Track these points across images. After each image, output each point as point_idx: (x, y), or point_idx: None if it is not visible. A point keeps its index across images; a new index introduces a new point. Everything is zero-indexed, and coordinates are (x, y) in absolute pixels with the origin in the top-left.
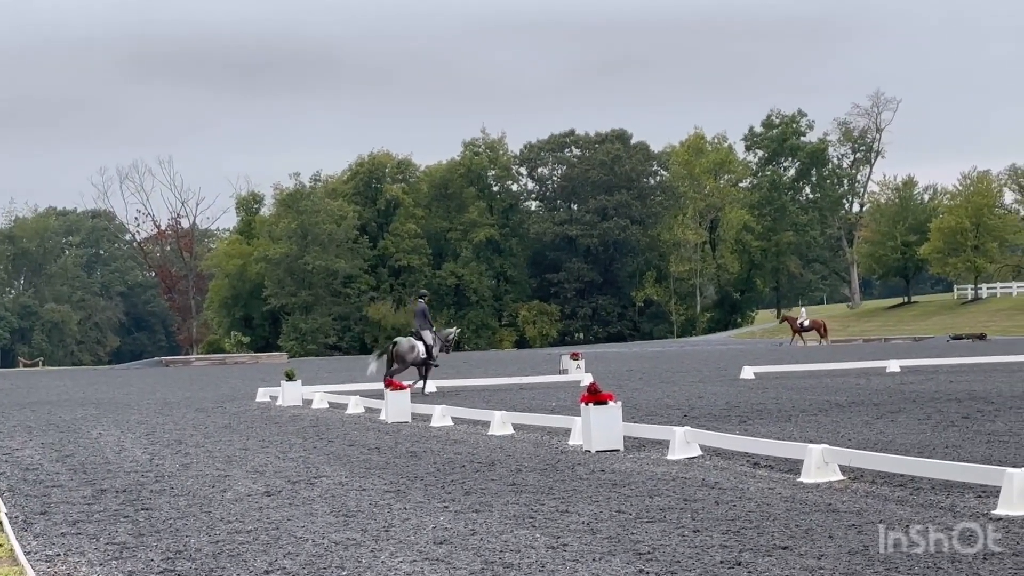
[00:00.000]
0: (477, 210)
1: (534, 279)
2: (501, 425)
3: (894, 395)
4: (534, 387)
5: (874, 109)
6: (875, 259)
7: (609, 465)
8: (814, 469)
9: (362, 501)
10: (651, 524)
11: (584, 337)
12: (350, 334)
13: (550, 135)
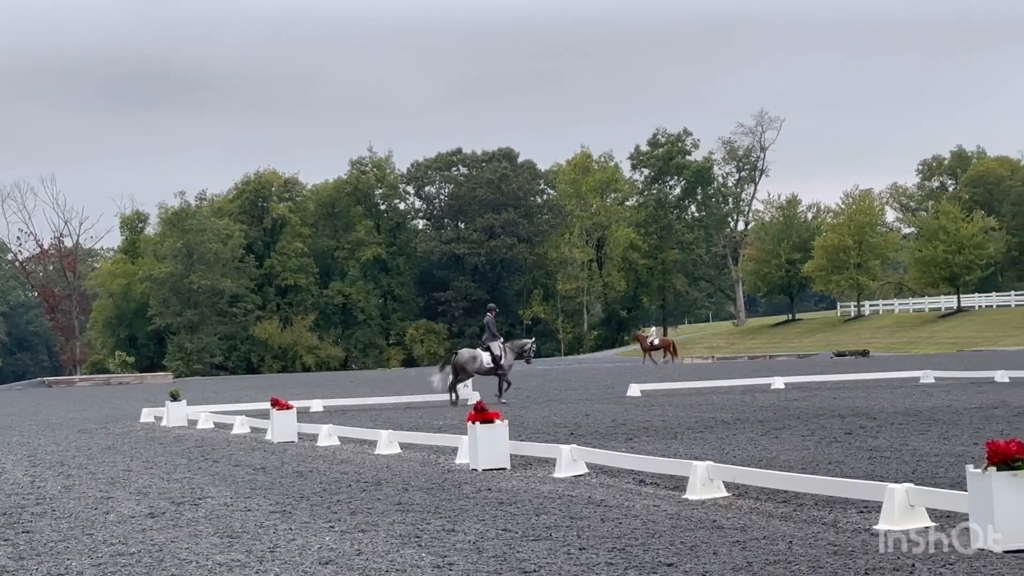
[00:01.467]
0: (364, 229)
1: (422, 298)
2: (388, 444)
3: (778, 412)
4: (421, 406)
5: (758, 128)
6: (760, 277)
7: (496, 483)
8: (699, 486)
9: (247, 522)
10: (537, 542)
11: None
12: (236, 353)
13: (437, 153)
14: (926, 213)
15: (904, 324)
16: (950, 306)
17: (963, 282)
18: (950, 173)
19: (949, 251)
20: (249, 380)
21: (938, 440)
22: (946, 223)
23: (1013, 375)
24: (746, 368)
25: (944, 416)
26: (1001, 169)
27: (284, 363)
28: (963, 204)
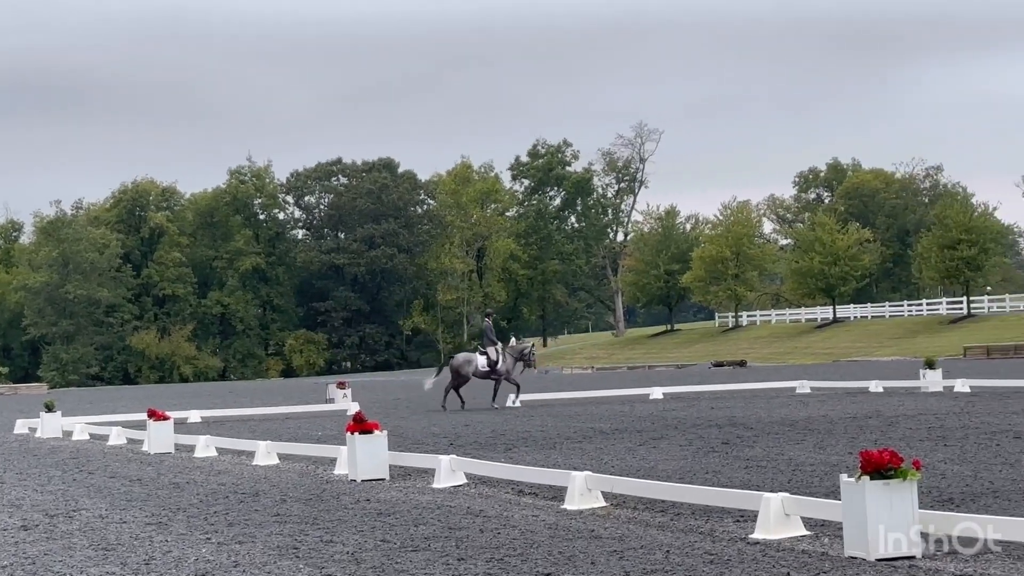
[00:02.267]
0: (243, 239)
1: (301, 308)
2: (266, 455)
3: (657, 422)
4: (300, 416)
5: (637, 139)
6: (639, 288)
7: (375, 494)
8: (577, 496)
9: (122, 534)
10: (416, 553)
11: (352, 366)
12: (113, 364)
13: (317, 163)
14: (802, 225)
15: (781, 335)
16: (826, 317)
17: (838, 293)
18: (826, 186)
19: (825, 263)
20: (126, 391)
21: (813, 450)
22: (822, 235)
23: (887, 385)
24: (625, 378)
25: (819, 426)
26: (876, 182)
27: (161, 374)
28: (838, 216)
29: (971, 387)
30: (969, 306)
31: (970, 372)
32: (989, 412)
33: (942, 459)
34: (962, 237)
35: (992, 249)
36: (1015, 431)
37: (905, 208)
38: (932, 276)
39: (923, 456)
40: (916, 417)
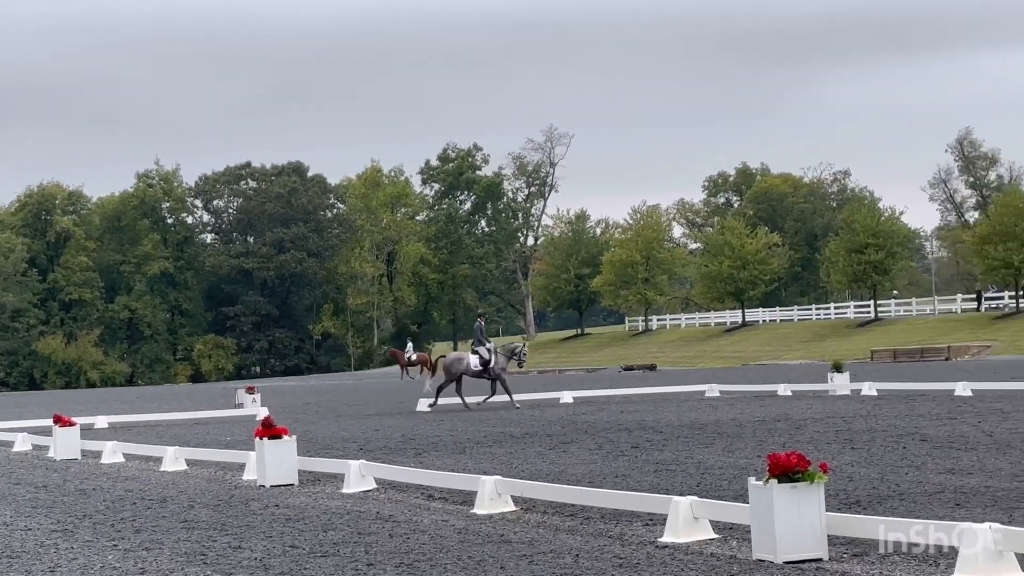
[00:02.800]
0: (151, 243)
1: (210, 312)
2: (174, 461)
3: (567, 426)
4: (209, 422)
5: (547, 144)
6: (549, 292)
7: (283, 500)
8: (487, 500)
9: (27, 541)
10: (324, 559)
11: (261, 371)
12: (18, 369)
13: (226, 167)
14: (712, 229)
15: (690, 338)
16: (735, 321)
17: (747, 297)
18: (735, 190)
19: (734, 267)
20: (32, 396)
21: (722, 453)
22: (731, 239)
23: (795, 388)
24: (535, 382)
25: (728, 429)
26: (784, 186)
27: (68, 379)
28: (747, 221)
29: (878, 390)
30: (876, 310)
31: (877, 375)
32: (895, 415)
33: (849, 462)
34: (869, 241)
35: (899, 253)
36: (921, 434)
37: (813, 212)
38: (840, 280)
39: (830, 459)
40: (824, 420)
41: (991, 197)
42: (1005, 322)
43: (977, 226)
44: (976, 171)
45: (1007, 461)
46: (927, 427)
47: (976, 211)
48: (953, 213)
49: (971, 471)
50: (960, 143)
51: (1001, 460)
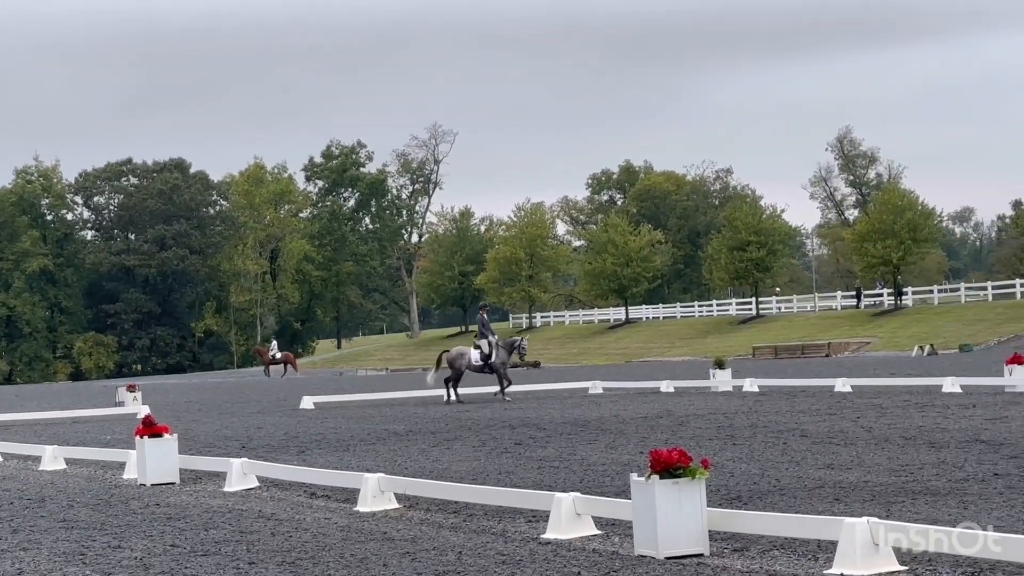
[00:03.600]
0: (30, 239)
1: (90, 310)
2: (53, 460)
3: (451, 423)
4: (89, 420)
5: (432, 141)
6: (433, 289)
7: (164, 498)
8: (370, 498)
9: None
10: (206, 558)
11: (143, 369)
12: None
13: (107, 163)
14: (595, 227)
15: (574, 335)
16: (618, 318)
17: (631, 294)
18: (619, 187)
19: (618, 264)
20: None
21: (605, 449)
22: (615, 236)
23: (678, 385)
24: (419, 380)
25: (611, 426)
26: (667, 184)
27: None
28: (631, 218)
29: (759, 386)
30: (758, 307)
31: (758, 372)
32: (776, 411)
33: (731, 458)
34: (751, 239)
35: (780, 251)
36: (801, 429)
37: (696, 210)
38: (722, 277)
39: (712, 455)
40: (706, 416)
41: (870, 195)
42: (884, 319)
43: (856, 224)
44: (856, 169)
45: (885, 456)
46: (807, 423)
47: (856, 209)
48: (833, 211)
49: (850, 466)
50: (840, 142)
51: (879, 455)
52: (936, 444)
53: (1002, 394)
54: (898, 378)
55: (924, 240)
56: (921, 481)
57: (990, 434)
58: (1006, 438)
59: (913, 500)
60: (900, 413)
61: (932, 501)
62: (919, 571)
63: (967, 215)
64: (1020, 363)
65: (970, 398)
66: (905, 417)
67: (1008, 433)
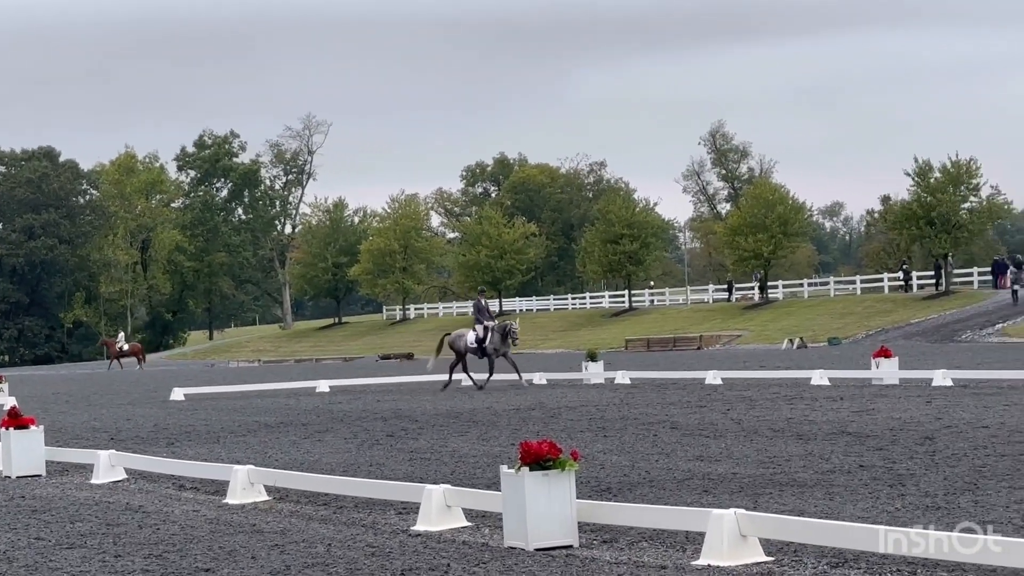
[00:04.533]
0: None
1: None
2: None
3: (322, 415)
4: None
5: (305, 132)
6: (307, 280)
7: (30, 491)
8: (240, 490)
9: None
10: (71, 550)
11: (10, 360)
12: None
13: None
14: (470, 219)
15: (448, 327)
16: (492, 310)
17: (504, 286)
18: (493, 180)
19: (491, 256)
20: None
21: (477, 441)
22: (489, 229)
23: (551, 377)
24: (292, 371)
25: (484, 418)
26: (541, 177)
27: None
28: (505, 210)
29: (631, 379)
30: (631, 300)
31: (631, 364)
32: (648, 403)
33: (601, 449)
34: (624, 232)
35: (653, 244)
36: (672, 422)
37: (570, 203)
38: (595, 270)
39: (583, 447)
40: (578, 408)
41: (742, 189)
42: (755, 312)
43: (728, 218)
44: (728, 164)
45: (754, 448)
46: (678, 415)
47: (728, 203)
48: (706, 205)
49: (719, 458)
50: (713, 136)
51: (748, 447)
52: (804, 436)
53: (869, 387)
54: (768, 371)
55: (794, 234)
56: (788, 473)
57: (856, 426)
58: (872, 430)
59: (780, 492)
60: (769, 405)
61: (799, 492)
62: (785, 562)
63: (837, 210)
64: (887, 356)
65: (838, 391)
66: (774, 409)
67: (874, 425)
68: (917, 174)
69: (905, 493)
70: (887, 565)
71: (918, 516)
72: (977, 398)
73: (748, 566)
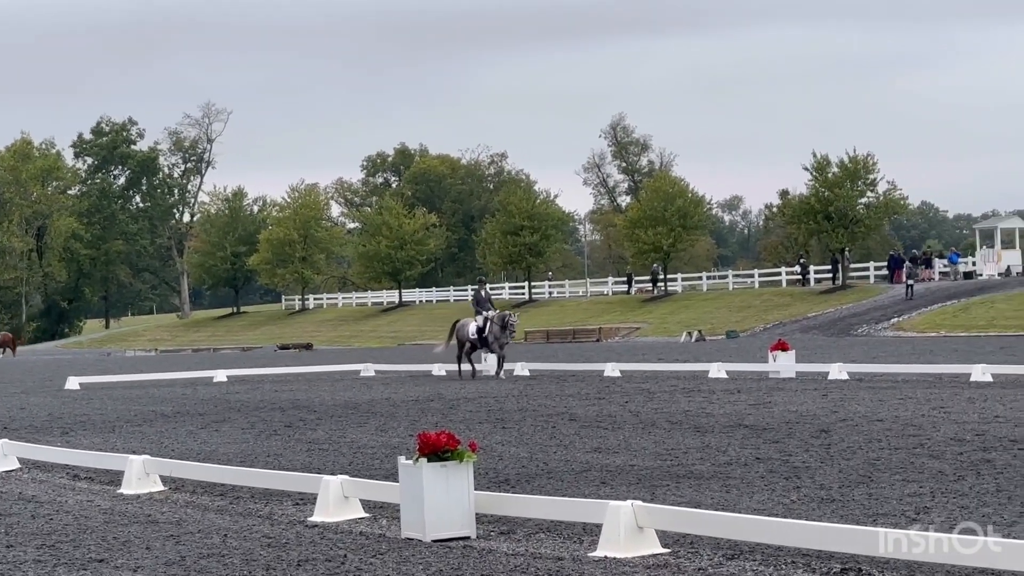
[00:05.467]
0: None
1: None
2: None
3: (220, 405)
4: None
5: (205, 120)
6: (205, 269)
7: None
8: (135, 480)
9: None
10: None
11: None
12: None
13: None
14: (370, 209)
15: (347, 318)
16: (392, 301)
17: (405, 277)
18: (394, 170)
19: (392, 247)
20: None
21: (375, 432)
22: (389, 219)
23: (448, 368)
24: (189, 361)
25: (382, 409)
26: (442, 167)
27: None
28: (405, 201)
29: (530, 370)
30: (531, 291)
31: (530, 356)
32: (546, 395)
33: (500, 441)
34: (525, 224)
35: (553, 236)
36: (570, 413)
37: (471, 194)
38: (495, 261)
39: (481, 438)
40: (476, 400)
41: (642, 182)
42: (654, 304)
43: (628, 210)
44: (628, 156)
45: (651, 440)
46: (576, 407)
47: (628, 196)
48: (606, 197)
49: (617, 450)
50: (614, 129)
51: (646, 439)
52: (701, 429)
53: (766, 380)
54: (666, 363)
55: (694, 227)
56: (686, 465)
57: (753, 419)
58: (768, 423)
59: (677, 484)
60: (667, 398)
61: (696, 485)
62: (681, 554)
63: (736, 203)
64: (784, 350)
65: (735, 383)
66: (672, 402)
67: (770, 418)
68: (815, 169)
69: (801, 485)
70: (782, 557)
71: (813, 509)
72: (872, 392)
73: (644, 558)
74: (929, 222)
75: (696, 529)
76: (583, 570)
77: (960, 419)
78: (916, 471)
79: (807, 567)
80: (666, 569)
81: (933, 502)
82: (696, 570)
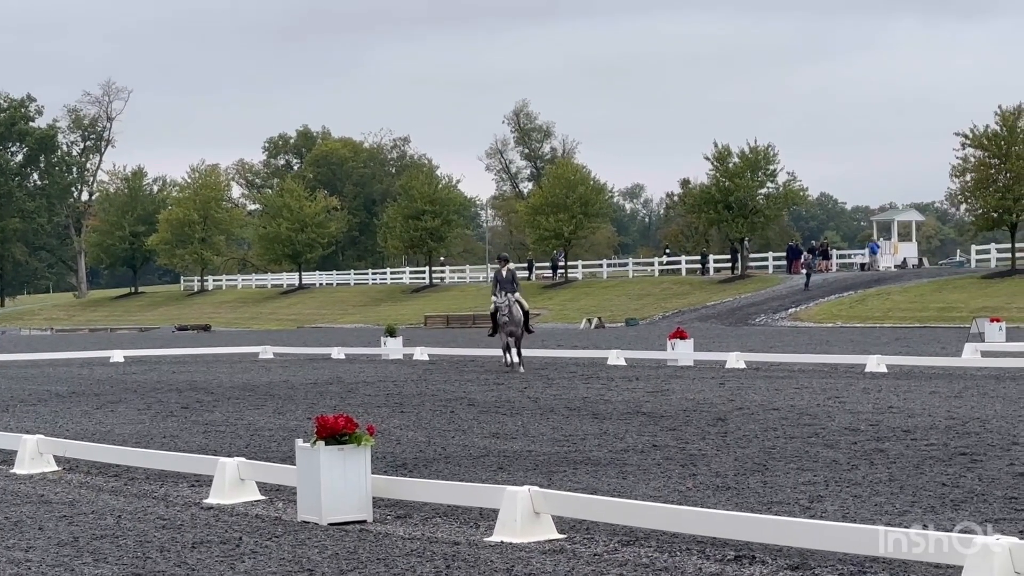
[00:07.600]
0: None
1: None
2: None
3: (116, 385)
4: None
5: (105, 98)
6: (103, 249)
7: None
8: (28, 460)
9: None
10: None
11: None
12: None
13: None
14: (271, 191)
15: (247, 300)
16: (292, 283)
17: (305, 260)
18: (295, 152)
19: (292, 229)
20: None
21: (273, 415)
22: (290, 201)
23: (349, 352)
24: (86, 341)
25: (280, 391)
26: (345, 150)
27: None
28: (307, 183)
29: (429, 355)
30: (431, 276)
31: (429, 340)
32: (446, 380)
33: (398, 425)
34: (426, 208)
35: (455, 221)
36: (469, 399)
37: (373, 177)
38: (396, 245)
39: (380, 422)
40: (376, 384)
41: (544, 169)
42: (555, 291)
43: (530, 197)
44: (531, 143)
45: (549, 426)
46: (475, 392)
47: (530, 182)
48: (508, 183)
49: (515, 435)
50: (517, 115)
51: (544, 425)
52: (599, 415)
53: (664, 368)
54: (565, 350)
55: (595, 215)
56: (583, 451)
57: (651, 406)
58: (666, 410)
59: (575, 470)
60: (566, 384)
61: (593, 471)
62: (577, 539)
63: (637, 192)
64: (682, 338)
65: (634, 371)
66: (571, 388)
67: (668, 405)
68: (716, 158)
69: (697, 473)
70: (676, 544)
71: (709, 496)
72: (769, 381)
73: (540, 543)
74: (828, 213)
75: (592, 515)
76: (479, 555)
77: (855, 409)
78: (811, 460)
79: (701, 554)
80: (562, 555)
81: (827, 491)
82: (592, 556)
